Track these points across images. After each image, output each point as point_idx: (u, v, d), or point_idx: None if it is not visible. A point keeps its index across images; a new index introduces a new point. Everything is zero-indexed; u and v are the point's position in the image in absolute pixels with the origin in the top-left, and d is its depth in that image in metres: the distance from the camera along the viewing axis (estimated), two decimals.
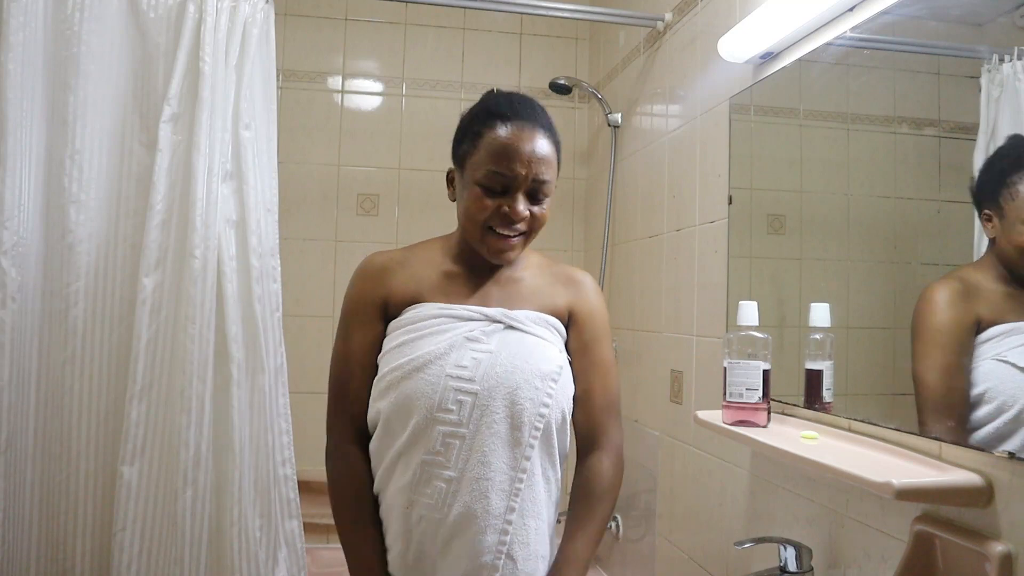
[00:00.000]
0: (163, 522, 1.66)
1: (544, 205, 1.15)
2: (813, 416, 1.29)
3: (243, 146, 1.75)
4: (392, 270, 1.19)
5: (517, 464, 1.10)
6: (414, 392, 1.09)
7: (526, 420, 1.10)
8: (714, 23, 1.73)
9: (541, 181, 1.13)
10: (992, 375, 0.99)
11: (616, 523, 2.26)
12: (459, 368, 1.09)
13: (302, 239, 2.54)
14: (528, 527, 1.11)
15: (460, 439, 1.08)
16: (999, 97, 0.98)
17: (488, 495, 1.08)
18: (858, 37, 1.23)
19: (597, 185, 2.63)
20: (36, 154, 1.66)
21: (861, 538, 1.16)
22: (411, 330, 1.14)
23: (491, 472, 1.08)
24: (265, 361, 1.74)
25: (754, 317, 1.29)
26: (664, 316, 1.96)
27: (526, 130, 1.14)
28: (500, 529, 1.09)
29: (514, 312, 1.16)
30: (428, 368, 1.09)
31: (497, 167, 1.10)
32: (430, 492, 1.09)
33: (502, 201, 1.11)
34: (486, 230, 1.13)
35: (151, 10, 1.76)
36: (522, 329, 1.15)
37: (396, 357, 1.12)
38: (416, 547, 1.10)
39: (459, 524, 1.08)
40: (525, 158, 1.11)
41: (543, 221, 1.15)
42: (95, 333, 1.70)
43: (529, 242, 1.18)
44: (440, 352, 1.10)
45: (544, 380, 1.11)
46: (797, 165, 1.47)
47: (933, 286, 1.10)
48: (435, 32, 2.69)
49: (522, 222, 1.12)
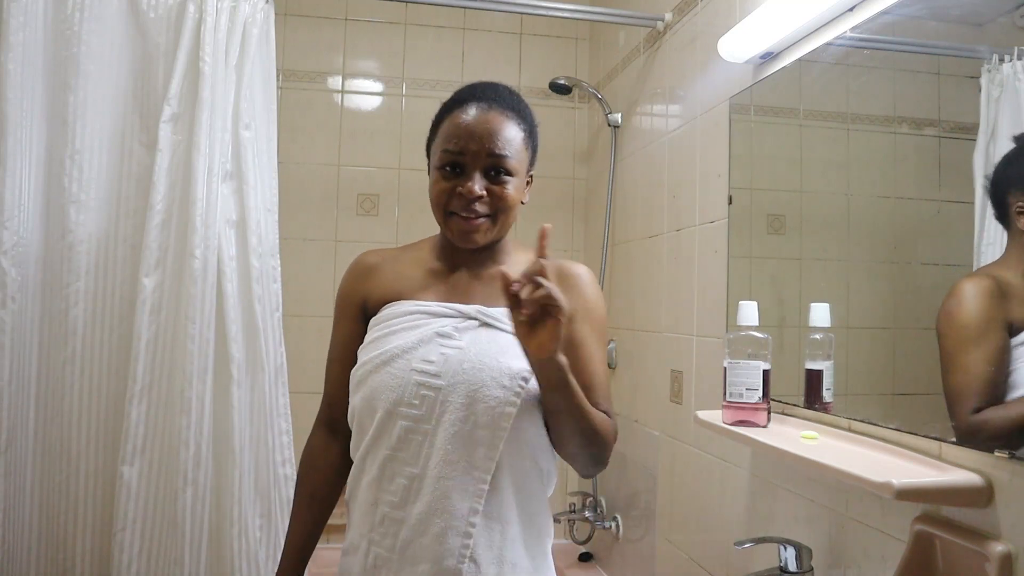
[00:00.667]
0: (163, 522, 1.66)
1: (508, 186, 1.10)
2: (813, 416, 1.29)
3: (243, 146, 1.75)
4: (379, 268, 1.20)
5: (481, 465, 1.05)
6: (380, 386, 1.07)
7: (490, 420, 1.05)
8: (714, 23, 1.73)
9: (498, 155, 1.09)
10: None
11: (616, 523, 2.26)
12: (425, 363, 1.06)
13: (302, 239, 2.54)
14: (493, 530, 1.07)
15: (422, 435, 1.06)
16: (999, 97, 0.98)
17: (451, 495, 1.03)
18: (858, 37, 1.23)
19: (597, 185, 2.63)
20: (36, 154, 1.66)
21: (861, 538, 1.16)
22: (385, 326, 1.12)
23: (454, 471, 1.04)
24: (265, 361, 1.74)
25: (754, 317, 1.29)
26: (664, 316, 1.96)
27: (481, 109, 1.11)
28: (463, 532, 1.04)
29: (491, 309, 1.11)
30: (395, 362, 1.07)
31: (448, 145, 1.09)
32: (393, 489, 1.06)
33: (458, 182, 1.09)
34: (448, 215, 1.11)
35: (151, 10, 1.76)
36: (497, 327, 1.10)
37: (368, 352, 1.11)
38: (376, 550, 1.07)
39: (420, 524, 1.04)
40: (477, 134, 1.08)
41: (508, 201, 1.10)
42: (95, 333, 1.70)
43: (501, 226, 1.13)
44: (408, 347, 1.08)
45: (513, 379, 1.06)
46: (797, 165, 1.46)
47: (962, 282, 1.05)
48: (435, 32, 2.69)
49: (480, 202, 1.08)
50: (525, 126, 1.15)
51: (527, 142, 1.15)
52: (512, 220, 1.15)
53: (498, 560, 1.07)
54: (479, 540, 1.05)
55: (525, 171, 1.16)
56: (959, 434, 1.00)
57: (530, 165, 1.18)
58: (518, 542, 1.10)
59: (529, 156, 1.17)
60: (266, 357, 1.74)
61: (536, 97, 2.76)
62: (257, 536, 1.71)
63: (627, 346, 2.25)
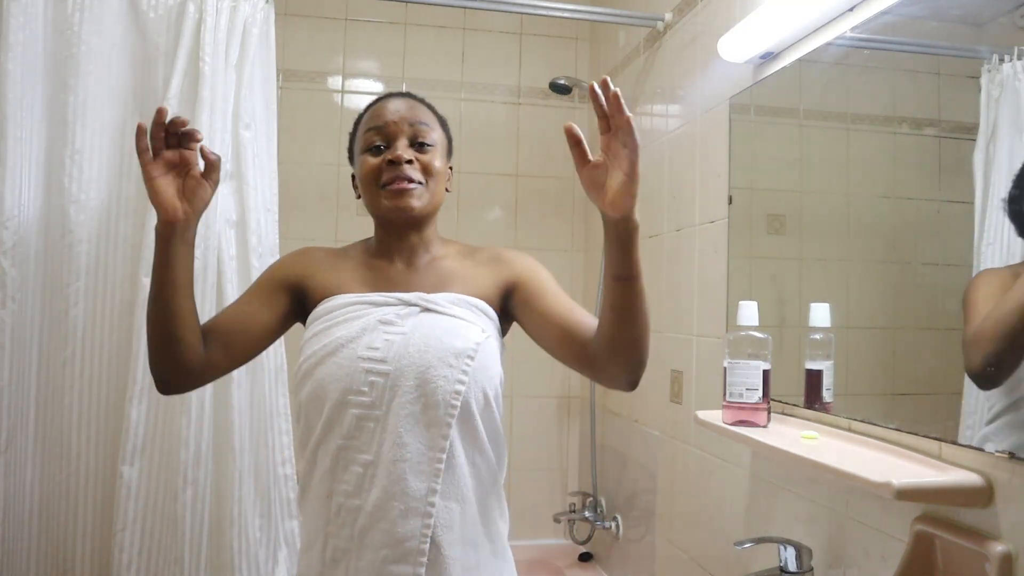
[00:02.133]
0: (163, 522, 1.66)
1: (432, 156, 1.16)
2: (813, 416, 1.29)
3: (243, 146, 1.75)
4: (322, 262, 1.22)
5: (435, 444, 1.06)
6: (326, 377, 1.08)
7: (440, 399, 1.06)
8: (714, 23, 1.73)
9: (418, 124, 1.16)
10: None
11: (616, 523, 2.26)
12: (371, 350, 1.08)
13: (302, 239, 2.52)
14: (452, 510, 1.08)
15: (374, 421, 1.06)
16: (999, 97, 0.98)
17: (406, 477, 1.04)
18: (858, 37, 1.23)
19: None
20: (36, 154, 1.66)
21: (861, 538, 1.16)
22: (327, 319, 1.13)
23: (408, 453, 1.05)
24: (265, 361, 1.74)
25: (754, 317, 1.29)
26: (664, 316, 1.96)
27: (395, 98, 1.21)
28: (423, 512, 1.05)
29: (432, 295, 1.14)
30: (340, 352, 1.08)
31: (371, 125, 1.17)
32: (348, 478, 1.06)
33: (385, 155, 1.15)
34: (381, 190, 1.15)
35: (151, 10, 1.76)
36: (438, 311, 1.12)
37: (312, 345, 1.11)
38: (334, 541, 1.07)
39: (378, 510, 1.05)
40: (397, 110, 1.17)
41: (434, 170, 1.16)
42: (95, 333, 1.70)
43: (432, 196, 1.17)
44: (352, 336, 1.09)
45: (459, 358, 1.08)
46: (797, 165, 1.47)
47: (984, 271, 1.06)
48: (435, 32, 2.69)
49: (410, 167, 1.14)
50: (437, 116, 1.23)
51: (442, 130, 1.23)
52: (439, 198, 1.20)
53: (459, 540, 1.08)
54: (439, 520, 1.06)
55: (446, 152, 1.22)
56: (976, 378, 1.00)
57: (449, 152, 1.25)
58: (477, 522, 1.11)
59: (447, 142, 1.24)
60: (266, 357, 1.74)
61: (536, 97, 2.76)
62: (257, 536, 1.71)
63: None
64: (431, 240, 1.23)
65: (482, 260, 1.22)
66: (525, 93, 2.75)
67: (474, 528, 1.10)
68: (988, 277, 1.06)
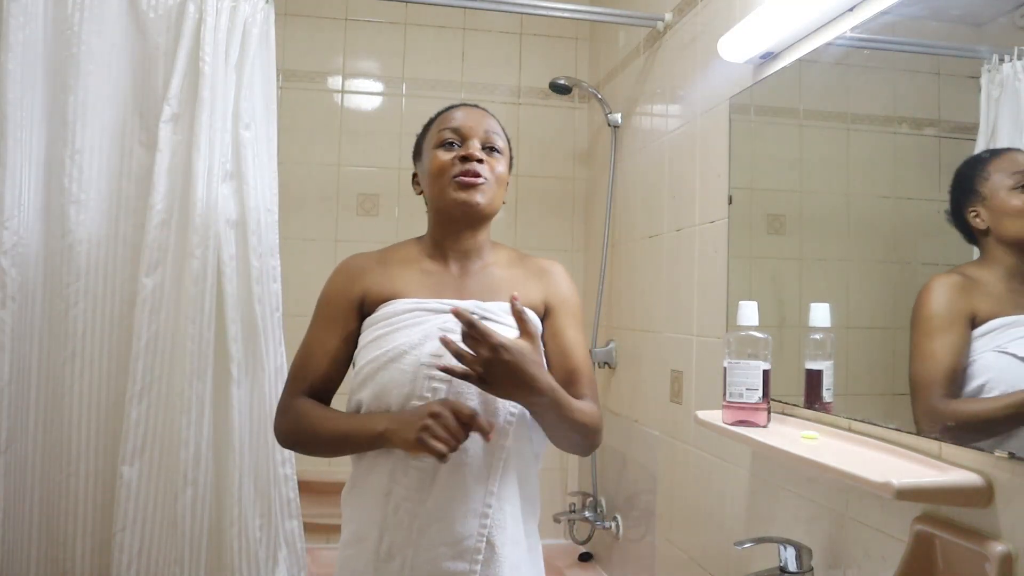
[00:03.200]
0: (163, 522, 1.66)
1: (499, 162, 1.22)
2: (813, 416, 1.29)
3: (243, 146, 1.75)
4: (371, 269, 1.23)
5: (494, 450, 1.12)
6: (390, 382, 1.11)
7: (500, 407, 1.12)
8: (714, 23, 1.73)
9: (492, 133, 1.23)
10: (992, 366, 1.00)
11: (616, 523, 2.26)
12: (434, 358, 1.11)
13: (302, 239, 2.54)
14: (505, 512, 1.14)
15: None
16: (999, 97, 0.98)
17: (466, 480, 1.10)
18: (858, 37, 1.23)
19: (597, 185, 2.64)
20: (36, 154, 1.66)
21: (861, 538, 1.16)
22: (386, 324, 1.16)
23: (468, 457, 1.10)
24: (265, 361, 1.74)
25: (754, 317, 1.29)
26: (664, 316, 1.96)
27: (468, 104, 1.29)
28: (480, 513, 1.11)
29: (487, 304, 1.18)
30: (403, 358, 1.12)
31: (448, 125, 1.23)
32: (408, 479, 1.11)
33: (458, 152, 1.20)
34: (450, 182, 1.19)
35: (151, 10, 1.76)
36: (495, 320, 1.17)
37: (372, 350, 1.15)
38: (391, 537, 1.11)
39: (438, 510, 1.10)
40: (473, 117, 1.24)
41: (499, 174, 1.22)
42: (95, 333, 1.70)
43: (492, 200, 1.21)
44: (415, 343, 1.13)
45: None
46: (797, 165, 1.46)
47: (934, 279, 1.12)
48: (435, 32, 2.69)
49: (481, 164, 1.19)
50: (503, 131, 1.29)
51: (507, 143, 1.29)
52: (498, 203, 1.24)
53: (509, 539, 1.14)
54: (494, 521, 1.12)
55: (508, 162, 1.27)
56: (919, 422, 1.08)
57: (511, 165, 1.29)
58: (520, 521, 1.17)
59: (509, 158, 1.29)
60: (266, 357, 1.75)
61: (536, 97, 2.76)
62: (257, 536, 1.71)
63: (627, 346, 2.25)
64: (483, 245, 1.27)
65: (532, 271, 1.28)
66: (525, 93, 2.75)
67: (519, 527, 1.17)
68: (939, 288, 1.11)
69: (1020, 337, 0.99)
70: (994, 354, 1.01)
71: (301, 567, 1.79)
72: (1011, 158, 1.02)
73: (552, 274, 1.28)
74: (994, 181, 1.03)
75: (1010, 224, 1.02)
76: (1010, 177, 1.01)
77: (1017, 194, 1.01)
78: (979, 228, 1.05)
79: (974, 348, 1.03)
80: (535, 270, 1.28)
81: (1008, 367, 0.98)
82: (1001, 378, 0.99)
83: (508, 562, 1.13)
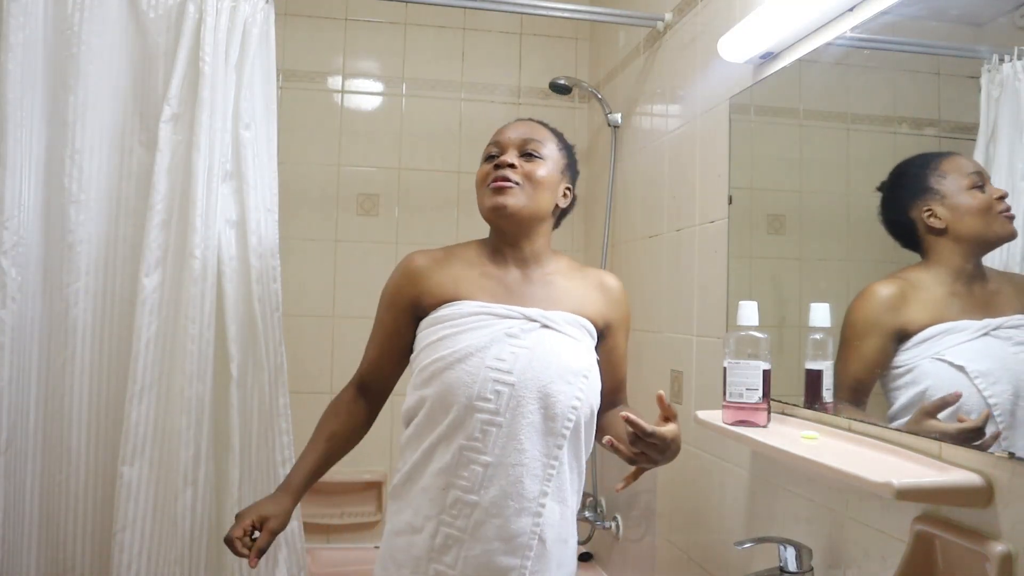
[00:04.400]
0: (163, 522, 1.66)
1: (537, 166, 1.28)
2: (813, 416, 1.29)
3: (243, 146, 1.75)
4: (431, 270, 1.30)
5: (550, 452, 1.18)
6: (456, 382, 1.17)
7: (559, 412, 1.18)
8: (714, 23, 1.73)
9: (530, 140, 1.30)
10: (930, 373, 1.04)
11: (616, 523, 2.26)
12: (498, 361, 1.17)
13: (302, 239, 2.53)
14: (555, 511, 1.19)
15: (497, 427, 1.16)
16: (999, 97, 0.98)
17: (523, 480, 1.16)
18: (858, 37, 1.23)
19: (597, 185, 2.63)
20: (36, 154, 1.66)
21: (861, 538, 1.16)
22: (452, 325, 1.22)
23: (526, 459, 1.16)
24: (265, 361, 1.74)
25: (754, 317, 1.29)
26: (664, 316, 1.96)
27: (520, 119, 1.38)
28: (534, 512, 1.17)
29: (550, 313, 1.25)
30: (469, 360, 1.18)
31: (492, 140, 1.33)
32: (467, 475, 1.16)
33: (495, 161, 1.29)
34: (485, 189, 1.28)
35: (151, 10, 1.76)
36: (557, 329, 1.23)
37: (438, 349, 1.21)
38: (447, 530, 1.17)
39: (494, 506, 1.16)
40: (515, 129, 1.32)
41: (537, 176, 1.27)
42: (95, 333, 1.70)
43: (530, 200, 1.27)
44: (481, 346, 1.19)
45: (576, 376, 1.21)
46: (797, 165, 1.46)
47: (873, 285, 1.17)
48: (435, 32, 2.69)
49: (511, 170, 1.26)
50: (560, 142, 1.36)
51: (562, 151, 1.35)
52: (541, 205, 1.29)
53: (558, 537, 1.20)
54: (546, 520, 1.18)
55: (559, 169, 1.33)
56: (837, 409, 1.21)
57: (567, 173, 1.36)
58: (568, 521, 1.24)
59: (565, 162, 1.35)
60: (266, 357, 1.74)
61: (536, 97, 2.76)
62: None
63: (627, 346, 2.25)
64: (542, 252, 1.33)
65: (592, 283, 1.36)
66: (525, 93, 2.75)
67: (567, 526, 1.23)
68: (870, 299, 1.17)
69: (956, 344, 1.01)
70: (931, 361, 1.04)
71: (301, 567, 1.79)
72: (956, 160, 1.05)
73: (613, 291, 1.37)
74: (951, 179, 1.05)
75: (971, 222, 1.03)
76: (966, 177, 1.03)
77: (975, 193, 1.02)
78: (935, 227, 1.06)
79: (913, 355, 1.06)
80: (596, 283, 1.36)
81: (943, 374, 1.01)
82: (939, 385, 1.02)
83: (555, 559, 1.19)
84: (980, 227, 1.02)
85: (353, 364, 1.43)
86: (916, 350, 1.06)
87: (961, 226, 1.05)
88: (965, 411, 0.97)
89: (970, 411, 0.97)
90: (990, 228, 1.00)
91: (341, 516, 2.45)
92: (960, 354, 1.00)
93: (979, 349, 0.98)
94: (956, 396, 0.98)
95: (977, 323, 0.99)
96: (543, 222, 1.32)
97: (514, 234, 1.30)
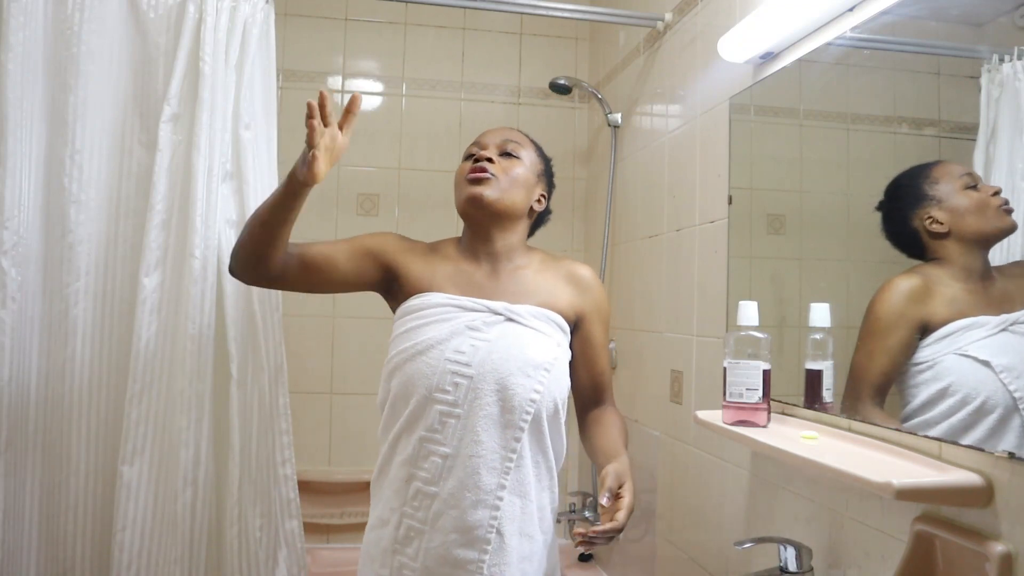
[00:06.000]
0: (163, 522, 1.66)
1: (515, 164, 1.31)
2: (813, 416, 1.29)
3: (243, 146, 1.75)
4: (420, 254, 1.34)
5: (508, 444, 1.18)
6: (415, 373, 1.19)
7: (516, 404, 1.18)
8: (714, 23, 1.73)
9: (508, 141, 1.33)
10: (954, 370, 1.03)
11: None
12: (457, 353, 1.18)
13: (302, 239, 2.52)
14: (515, 504, 1.19)
15: (455, 418, 1.17)
16: (999, 97, 0.98)
17: (479, 471, 1.16)
18: (858, 37, 1.23)
19: (597, 185, 2.63)
20: (36, 154, 1.66)
21: (861, 538, 1.16)
22: (418, 317, 1.24)
23: (483, 450, 1.17)
24: (265, 361, 1.74)
25: (754, 317, 1.29)
26: (664, 316, 1.96)
27: (501, 127, 1.42)
28: (491, 504, 1.17)
29: (515, 306, 1.25)
30: (430, 352, 1.19)
31: (473, 142, 1.37)
32: (427, 467, 1.17)
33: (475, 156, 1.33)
34: (462, 181, 1.31)
35: (151, 10, 1.76)
36: (521, 322, 1.24)
37: (403, 341, 1.22)
38: (409, 522, 1.18)
39: (452, 498, 1.16)
40: (494, 132, 1.37)
41: (513, 173, 1.30)
42: (95, 333, 1.70)
43: (504, 194, 1.29)
44: (442, 338, 1.20)
45: (536, 370, 1.20)
46: (797, 165, 1.46)
47: (895, 279, 1.16)
48: (435, 32, 2.69)
49: (489, 163, 1.28)
50: (538, 151, 1.40)
51: (540, 158, 1.39)
52: (515, 201, 1.30)
53: (519, 532, 1.20)
54: (504, 512, 1.18)
55: (535, 172, 1.36)
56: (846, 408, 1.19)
57: (543, 179, 1.39)
58: (534, 516, 1.24)
59: (541, 168, 1.38)
60: (266, 357, 1.74)
61: (536, 97, 2.76)
62: (257, 536, 1.71)
63: (627, 346, 2.25)
64: (514, 248, 1.34)
65: (562, 275, 1.36)
66: (525, 93, 2.75)
67: (531, 521, 1.23)
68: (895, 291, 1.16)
69: (978, 339, 1.00)
70: (955, 357, 1.03)
71: (301, 567, 1.79)
72: (946, 166, 1.07)
73: (585, 281, 1.36)
74: (944, 184, 1.07)
75: (971, 220, 1.04)
76: (959, 179, 1.05)
77: (970, 193, 1.04)
78: (938, 232, 1.08)
79: (935, 350, 1.05)
80: (566, 275, 1.36)
81: (968, 370, 1.00)
82: (963, 381, 1.01)
83: (517, 553, 1.19)
84: (980, 223, 1.03)
85: (353, 364, 1.44)
86: (937, 346, 1.05)
87: (962, 225, 1.06)
88: (991, 406, 0.97)
89: (995, 406, 0.96)
90: (990, 223, 1.01)
91: (341, 516, 2.45)
92: (984, 349, 0.99)
93: (1000, 344, 0.98)
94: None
95: (995, 319, 0.99)
96: (516, 220, 1.33)
97: (487, 227, 1.31)
